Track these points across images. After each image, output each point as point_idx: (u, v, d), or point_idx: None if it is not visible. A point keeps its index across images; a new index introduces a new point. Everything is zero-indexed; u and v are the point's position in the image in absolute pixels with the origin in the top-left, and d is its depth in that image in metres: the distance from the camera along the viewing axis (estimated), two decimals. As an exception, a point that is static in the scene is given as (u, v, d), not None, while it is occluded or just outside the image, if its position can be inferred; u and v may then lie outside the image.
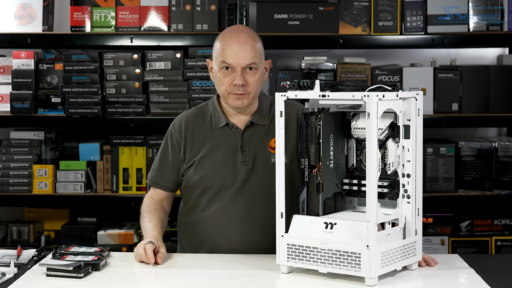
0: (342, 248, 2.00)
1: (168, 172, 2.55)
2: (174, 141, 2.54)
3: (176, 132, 2.54)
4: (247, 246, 2.45)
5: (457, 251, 3.49)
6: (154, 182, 2.58)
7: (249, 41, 2.41)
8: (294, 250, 2.09)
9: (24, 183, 3.48)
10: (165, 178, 2.56)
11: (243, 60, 2.39)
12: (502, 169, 3.46)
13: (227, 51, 2.40)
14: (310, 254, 2.06)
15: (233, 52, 2.39)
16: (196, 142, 2.51)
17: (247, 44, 2.40)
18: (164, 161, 2.56)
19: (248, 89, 2.41)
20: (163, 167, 2.56)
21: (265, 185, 2.45)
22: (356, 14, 3.38)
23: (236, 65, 2.39)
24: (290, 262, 2.10)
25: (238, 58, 2.39)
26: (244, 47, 2.40)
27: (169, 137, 2.56)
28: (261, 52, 2.46)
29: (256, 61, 2.41)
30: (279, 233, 2.11)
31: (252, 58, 2.40)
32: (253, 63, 2.40)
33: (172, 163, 2.54)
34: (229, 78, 2.41)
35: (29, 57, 3.47)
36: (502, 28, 3.40)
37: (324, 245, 2.03)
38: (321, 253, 2.04)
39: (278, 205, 2.12)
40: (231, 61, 2.39)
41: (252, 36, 2.44)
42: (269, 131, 2.49)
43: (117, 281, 2.11)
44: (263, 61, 2.48)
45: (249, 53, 2.39)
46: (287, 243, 2.10)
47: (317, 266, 2.05)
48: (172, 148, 2.55)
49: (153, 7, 3.41)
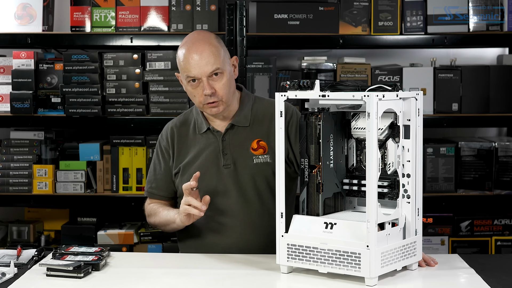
0: (342, 248, 2.00)
1: (162, 182, 2.59)
2: (163, 150, 2.58)
3: (164, 141, 2.59)
4: (241, 246, 2.46)
5: (457, 251, 3.49)
6: (151, 193, 2.62)
7: (206, 48, 2.40)
8: (294, 250, 2.09)
9: (24, 183, 3.48)
10: (161, 187, 2.59)
11: (206, 69, 2.38)
12: (502, 169, 3.46)
13: (189, 64, 2.40)
14: (310, 254, 2.06)
15: (194, 63, 2.39)
16: (182, 149, 2.54)
17: (205, 52, 2.39)
18: (157, 171, 2.59)
19: (220, 95, 2.41)
20: (157, 178, 2.59)
21: (249, 186, 2.46)
22: (356, 14, 3.38)
23: (201, 76, 2.39)
24: (290, 262, 2.10)
25: (200, 69, 2.39)
26: (203, 55, 2.39)
27: (158, 147, 2.61)
28: (222, 53, 2.44)
29: (219, 65, 2.40)
30: (279, 233, 2.11)
31: (213, 64, 2.39)
32: (216, 68, 2.39)
33: (164, 171, 2.58)
34: (199, 90, 2.41)
35: (29, 57, 3.47)
36: (502, 28, 3.40)
37: (324, 245, 2.03)
38: (321, 253, 2.04)
39: (278, 205, 2.12)
40: (195, 73, 2.39)
41: (209, 41, 2.42)
42: (250, 133, 2.50)
43: (117, 281, 2.12)
44: (228, 60, 2.46)
45: (209, 60, 2.39)
46: (287, 243, 2.10)
47: (317, 266, 2.05)
48: (162, 157, 2.58)
49: (153, 7, 3.41)
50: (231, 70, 2.48)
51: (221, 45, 2.47)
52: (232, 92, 2.47)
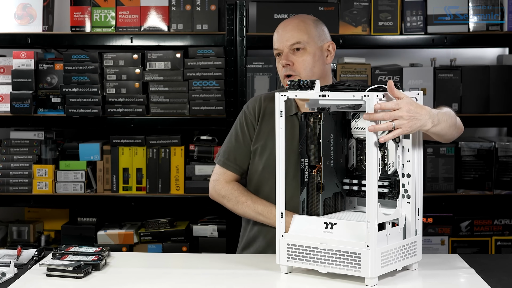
0: (342, 248, 2.00)
1: (243, 153, 2.49)
2: (248, 121, 2.49)
3: (250, 113, 2.49)
4: None
5: (457, 251, 3.49)
6: (227, 164, 2.50)
7: (295, 22, 2.38)
8: (294, 250, 2.09)
9: (24, 183, 3.48)
10: (240, 159, 2.49)
11: (287, 41, 2.37)
12: (502, 169, 3.46)
13: (275, 37, 2.40)
14: (310, 254, 2.06)
15: (279, 36, 2.39)
16: (263, 126, 2.47)
17: (291, 25, 2.38)
18: (239, 141, 2.49)
19: (297, 70, 2.37)
20: (237, 148, 2.50)
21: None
22: (356, 14, 3.38)
23: (282, 48, 2.38)
24: (290, 262, 2.10)
25: (282, 40, 2.38)
26: (287, 28, 2.38)
27: (243, 117, 2.51)
28: (312, 31, 2.39)
29: (301, 39, 2.36)
30: (279, 233, 2.11)
31: (295, 37, 2.36)
32: (297, 42, 2.36)
33: (245, 144, 2.49)
34: (281, 63, 2.40)
35: (29, 57, 3.47)
36: (502, 28, 3.40)
37: (324, 245, 2.03)
38: (321, 253, 2.04)
39: (278, 205, 2.12)
40: (278, 45, 2.39)
41: (301, 18, 2.41)
42: None
43: (117, 281, 2.11)
44: (317, 41, 2.40)
45: (292, 33, 2.37)
46: (287, 243, 2.10)
47: (317, 266, 2.05)
48: (247, 128, 2.49)
49: (153, 7, 3.41)
50: (320, 53, 2.40)
51: (316, 25, 2.41)
52: (316, 74, 2.38)
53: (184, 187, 3.47)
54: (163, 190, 3.47)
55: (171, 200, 3.46)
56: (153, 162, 3.47)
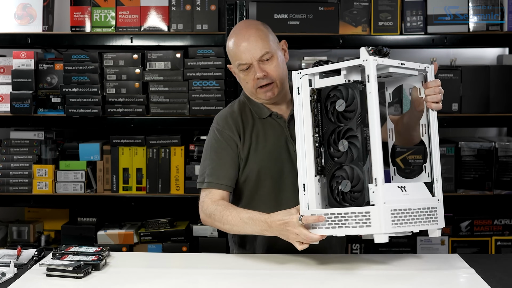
0: (425, 205, 2.14)
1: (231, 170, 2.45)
2: (227, 139, 2.47)
3: (225, 131, 2.48)
4: None
5: (457, 251, 3.49)
6: (214, 184, 2.43)
7: (253, 33, 2.41)
8: (396, 216, 2.06)
9: (24, 183, 3.48)
10: (226, 176, 2.45)
11: (255, 52, 2.39)
12: (502, 169, 3.46)
13: (239, 51, 2.40)
14: (412, 216, 2.10)
15: (243, 49, 2.40)
16: (246, 133, 2.48)
17: (252, 36, 2.40)
18: (223, 160, 2.45)
19: (273, 77, 2.41)
20: (221, 166, 2.45)
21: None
22: (356, 14, 3.38)
23: (251, 60, 2.39)
24: (396, 228, 2.05)
25: (249, 53, 2.39)
26: (251, 39, 2.39)
27: (220, 137, 2.48)
28: (270, 37, 2.44)
29: (268, 49, 2.40)
30: (380, 201, 2.02)
31: (262, 47, 2.39)
32: (265, 52, 2.39)
33: (232, 160, 2.46)
34: (251, 75, 2.41)
35: (29, 57, 3.47)
36: (502, 28, 3.40)
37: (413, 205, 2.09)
38: (414, 213, 2.11)
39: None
40: (245, 58, 2.40)
41: (255, 27, 2.44)
42: None
43: (117, 281, 2.12)
44: (276, 44, 2.46)
45: (257, 44, 2.39)
46: (390, 209, 2.03)
47: (413, 227, 2.10)
48: (227, 146, 2.46)
49: (153, 7, 3.42)
50: (281, 53, 2.47)
51: (268, 30, 2.47)
52: (285, 75, 2.47)
53: (184, 187, 3.47)
54: (163, 190, 3.47)
55: (171, 200, 3.46)
56: (153, 162, 3.47)
